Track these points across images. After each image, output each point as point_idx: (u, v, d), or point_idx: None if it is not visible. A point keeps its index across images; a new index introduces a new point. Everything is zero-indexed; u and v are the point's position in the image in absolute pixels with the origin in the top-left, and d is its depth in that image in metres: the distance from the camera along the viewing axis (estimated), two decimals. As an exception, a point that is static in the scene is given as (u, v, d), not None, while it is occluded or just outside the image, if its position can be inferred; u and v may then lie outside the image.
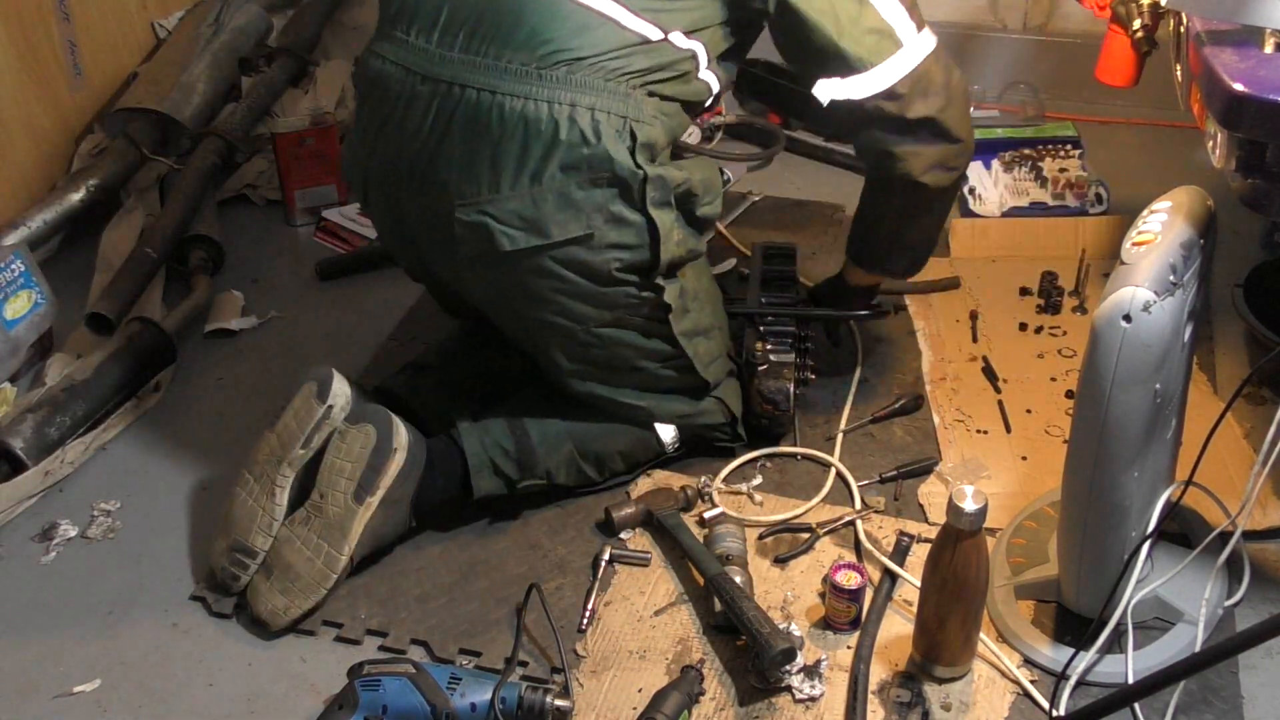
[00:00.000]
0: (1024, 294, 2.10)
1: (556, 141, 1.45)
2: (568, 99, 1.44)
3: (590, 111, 1.45)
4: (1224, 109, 1.34)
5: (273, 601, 1.56)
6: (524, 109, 1.44)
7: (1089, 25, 2.47)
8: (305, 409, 1.62)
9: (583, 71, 1.45)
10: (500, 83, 1.45)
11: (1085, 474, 1.35)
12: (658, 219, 1.49)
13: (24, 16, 2.34)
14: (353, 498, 1.57)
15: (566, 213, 1.47)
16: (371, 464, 1.58)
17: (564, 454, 1.68)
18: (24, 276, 2.01)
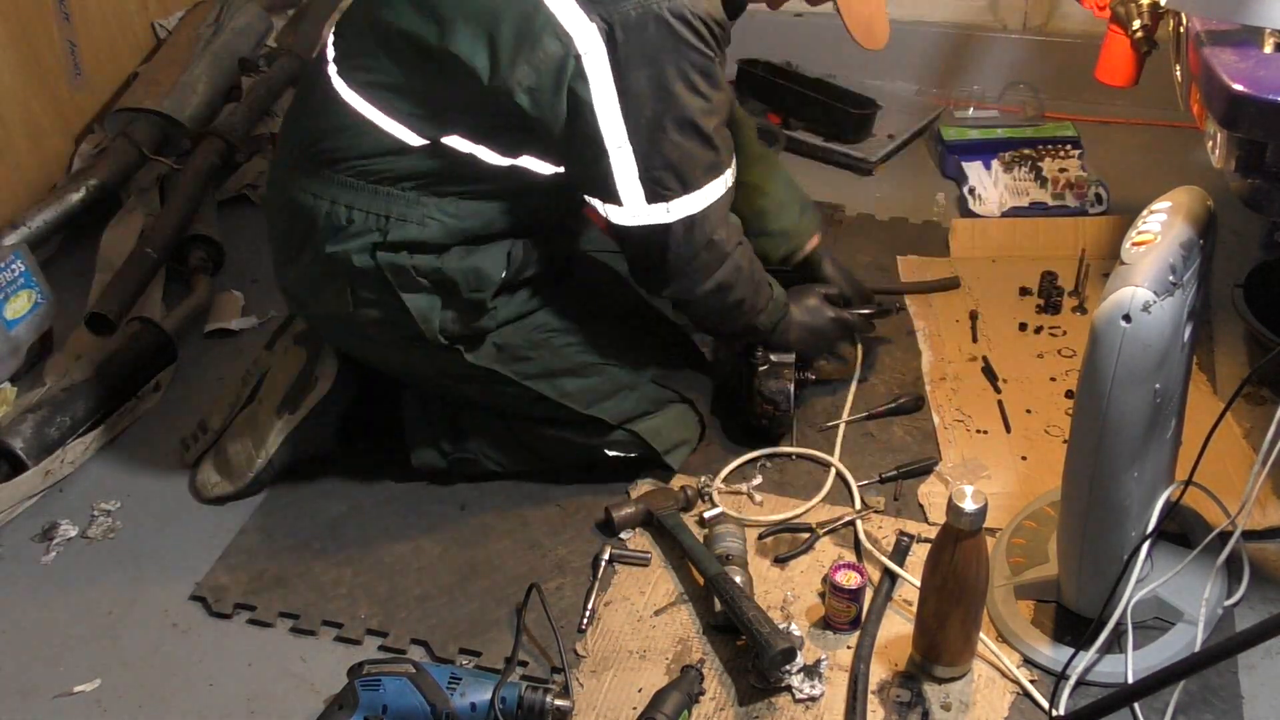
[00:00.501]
0: (1024, 294, 2.10)
1: (313, 233, 1.56)
2: (329, 195, 1.54)
3: (347, 209, 1.53)
4: (1224, 109, 1.34)
5: (208, 475, 1.77)
6: (302, 200, 1.56)
7: (1089, 25, 2.47)
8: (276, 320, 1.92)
9: (342, 172, 1.53)
10: (293, 176, 1.58)
11: (1085, 474, 1.35)
12: (408, 303, 1.54)
13: (24, 16, 2.34)
14: (275, 411, 1.74)
15: (322, 293, 1.60)
16: (295, 386, 1.74)
17: (498, 437, 1.73)
18: (24, 276, 2.01)
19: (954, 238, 2.23)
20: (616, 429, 1.70)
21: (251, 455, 1.74)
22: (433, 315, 1.55)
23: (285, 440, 1.74)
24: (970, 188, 2.34)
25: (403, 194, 1.52)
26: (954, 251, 2.22)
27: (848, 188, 2.46)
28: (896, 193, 2.44)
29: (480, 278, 1.56)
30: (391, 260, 1.52)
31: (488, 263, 1.57)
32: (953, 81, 2.72)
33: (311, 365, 1.75)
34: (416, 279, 1.53)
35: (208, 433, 1.84)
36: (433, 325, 1.55)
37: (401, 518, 1.73)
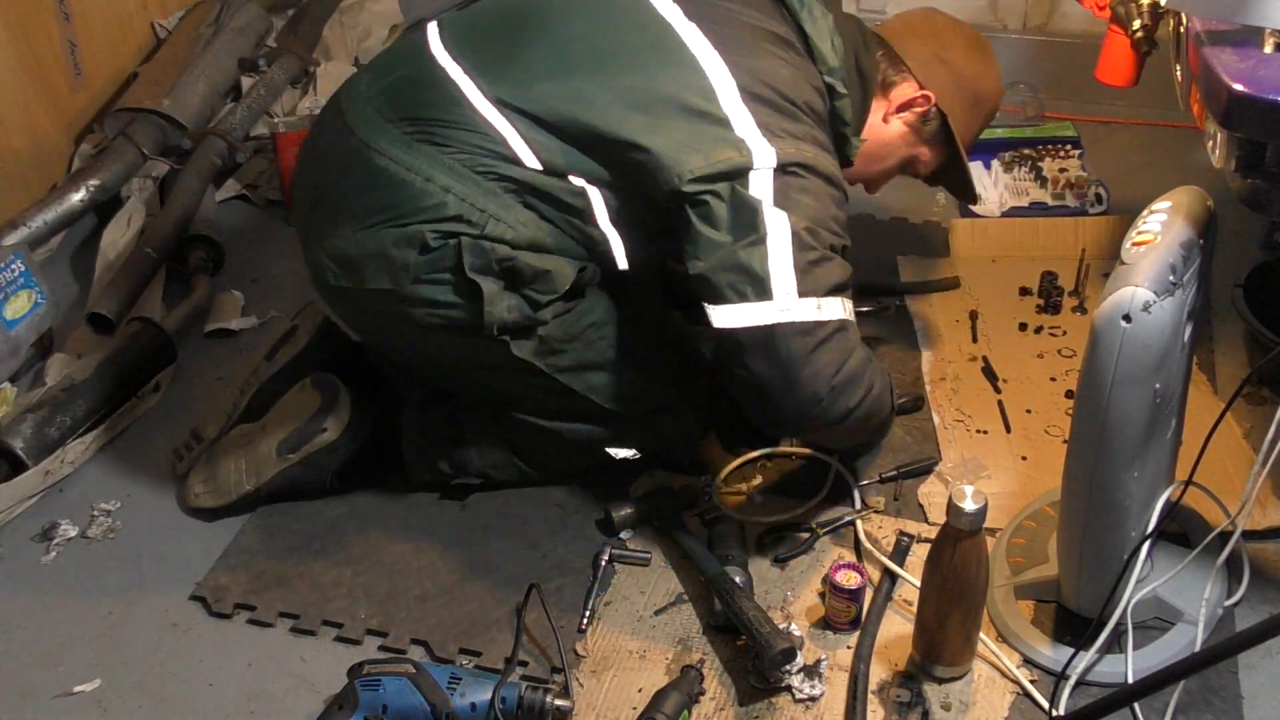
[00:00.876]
0: (1024, 294, 2.10)
1: (397, 203, 1.51)
2: (426, 172, 1.51)
3: (445, 191, 1.50)
4: (1224, 109, 1.34)
5: (196, 485, 1.76)
6: (386, 167, 1.52)
7: (1089, 25, 2.47)
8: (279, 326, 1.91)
9: (449, 155, 1.51)
10: (378, 140, 1.54)
11: (1085, 474, 1.35)
12: (480, 283, 1.51)
13: (24, 17, 2.34)
14: (277, 449, 1.72)
15: (378, 264, 1.53)
16: (302, 430, 1.72)
17: (500, 458, 1.72)
18: (24, 276, 2.02)
19: (954, 238, 2.23)
20: (630, 424, 1.69)
21: (242, 480, 1.72)
22: (497, 300, 1.52)
23: (279, 475, 1.72)
24: (970, 188, 2.34)
25: (501, 194, 1.51)
26: (954, 251, 2.22)
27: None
28: (896, 193, 2.43)
29: (549, 280, 1.54)
30: (475, 242, 1.50)
31: (559, 270, 1.55)
32: (953, 81, 2.72)
33: (324, 413, 1.72)
34: (492, 264, 1.51)
35: (202, 442, 1.82)
36: (493, 311, 1.52)
37: (401, 518, 1.73)
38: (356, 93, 1.61)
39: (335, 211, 1.56)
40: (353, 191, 1.55)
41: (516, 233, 1.52)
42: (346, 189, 1.55)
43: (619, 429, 1.70)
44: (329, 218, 1.57)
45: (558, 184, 1.53)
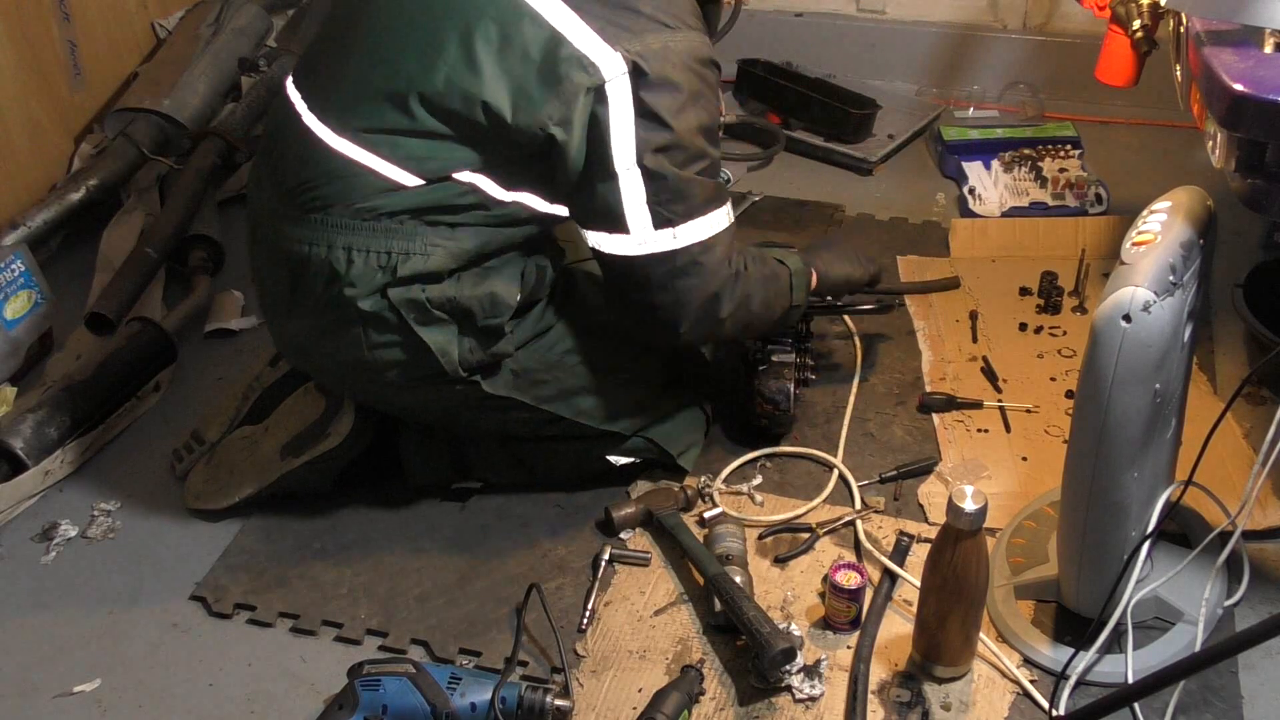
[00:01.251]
0: (1024, 294, 2.10)
1: (314, 282, 1.51)
2: (324, 240, 1.49)
3: (346, 252, 1.48)
4: (1224, 109, 1.34)
5: (197, 485, 1.76)
6: (293, 249, 1.51)
7: (1089, 25, 2.47)
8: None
9: (335, 214, 1.49)
10: (280, 225, 1.53)
11: (1085, 474, 1.35)
12: (426, 338, 1.50)
13: (24, 17, 2.34)
14: (279, 452, 1.72)
15: (334, 343, 1.54)
16: (306, 433, 1.72)
17: (501, 462, 1.72)
18: (24, 276, 2.02)
19: (954, 238, 2.23)
20: (631, 438, 1.69)
21: (244, 482, 1.72)
22: (451, 347, 1.51)
23: (281, 478, 1.71)
24: (970, 188, 2.34)
25: (400, 227, 1.47)
26: (954, 251, 2.22)
27: (848, 188, 2.46)
28: (896, 193, 2.44)
29: (496, 303, 1.52)
30: (405, 296, 1.48)
31: (501, 287, 1.53)
32: (953, 81, 2.72)
33: (327, 418, 1.71)
34: (432, 311, 1.49)
35: (203, 444, 1.83)
36: (452, 357, 1.51)
37: (401, 518, 1.73)
38: (258, 179, 1.61)
39: (280, 301, 1.57)
40: (282, 281, 1.55)
41: (430, 258, 1.48)
42: (280, 278, 1.55)
43: (619, 444, 1.70)
44: (278, 308, 1.59)
45: (445, 190, 1.48)
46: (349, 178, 1.47)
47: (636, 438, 1.70)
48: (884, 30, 2.76)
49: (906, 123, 2.61)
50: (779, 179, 2.49)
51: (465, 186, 1.48)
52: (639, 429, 1.70)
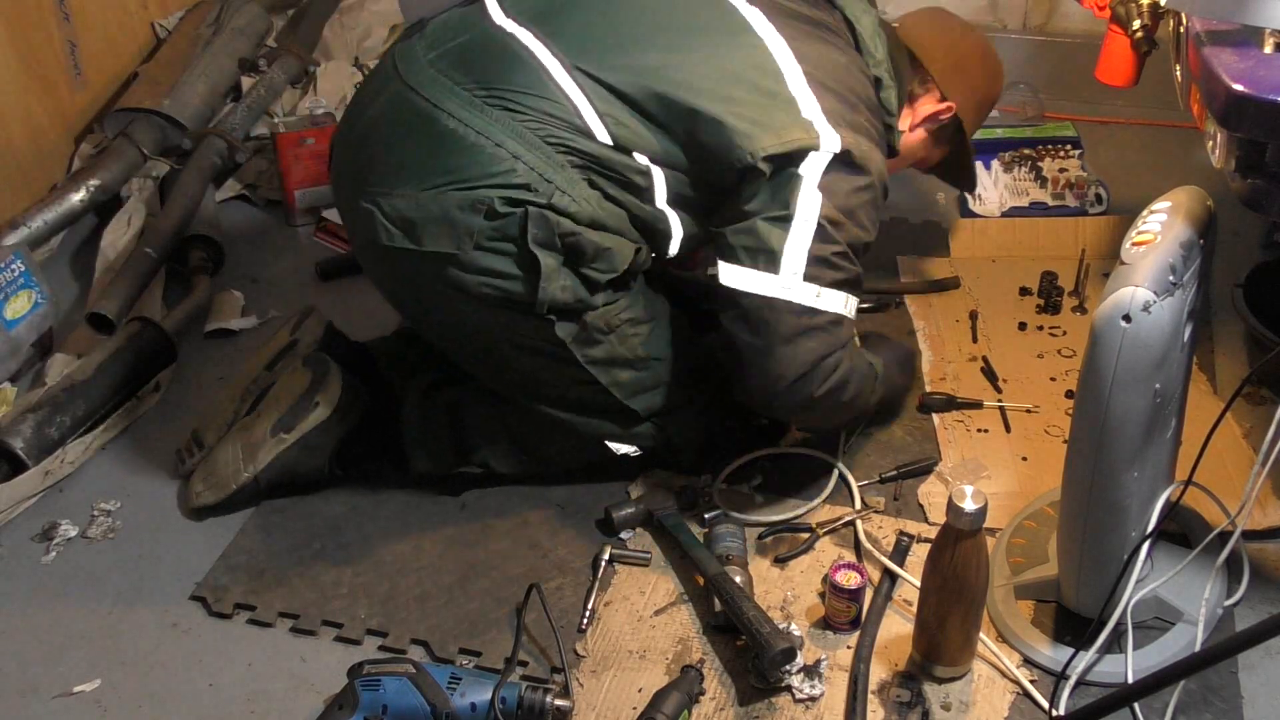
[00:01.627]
0: (1024, 294, 2.10)
1: (465, 165, 1.49)
2: (497, 137, 1.49)
3: (514, 158, 1.49)
4: (1224, 109, 1.34)
5: (196, 485, 1.75)
6: (454, 129, 1.50)
7: (1089, 25, 2.47)
8: (280, 337, 1.89)
9: (521, 122, 1.50)
10: (446, 101, 1.52)
11: (1085, 474, 1.35)
12: (540, 257, 1.50)
13: (24, 16, 2.34)
14: (270, 430, 1.72)
15: (441, 227, 1.50)
16: (296, 407, 1.72)
17: (501, 447, 1.72)
18: (24, 276, 2.02)
19: (954, 238, 2.23)
20: (641, 423, 1.70)
21: (240, 469, 1.72)
22: (554, 276, 1.52)
23: (276, 459, 1.71)
24: (970, 188, 2.34)
25: (567, 168, 1.50)
26: (954, 251, 2.22)
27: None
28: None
29: (609, 258, 1.55)
30: (541, 213, 1.49)
31: (618, 249, 1.56)
32: (953, 81, 2.72)
33: (314, 389, 1.73)
34: (555, 238, 1.50)
35: (203, 448, 1.81)
36: (550, 287, 1.51)
37: (401, 518, 1.73)
38: (412, 56, 1.58)
39: (395, 171, 1.53)
40: (417, 152, 1.52)
41: (579, 208, 1.51)
42: (409, 149, 1.53)
43: (629, 426, 1.70)
44: (387, 177, 1.53)
45: (624, 161, 1.53)
46: (552, 101, 1.51)
47: (648, 423, 1.70)
48: (884, 30, 2.75)
49: (906, 123, 2.60)
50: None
51: (641, 167, 1.54)
52: (655, 414, 1.70)
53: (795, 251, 1.51)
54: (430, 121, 1.51)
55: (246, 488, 1.72)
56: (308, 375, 1.75)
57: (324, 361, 1.75)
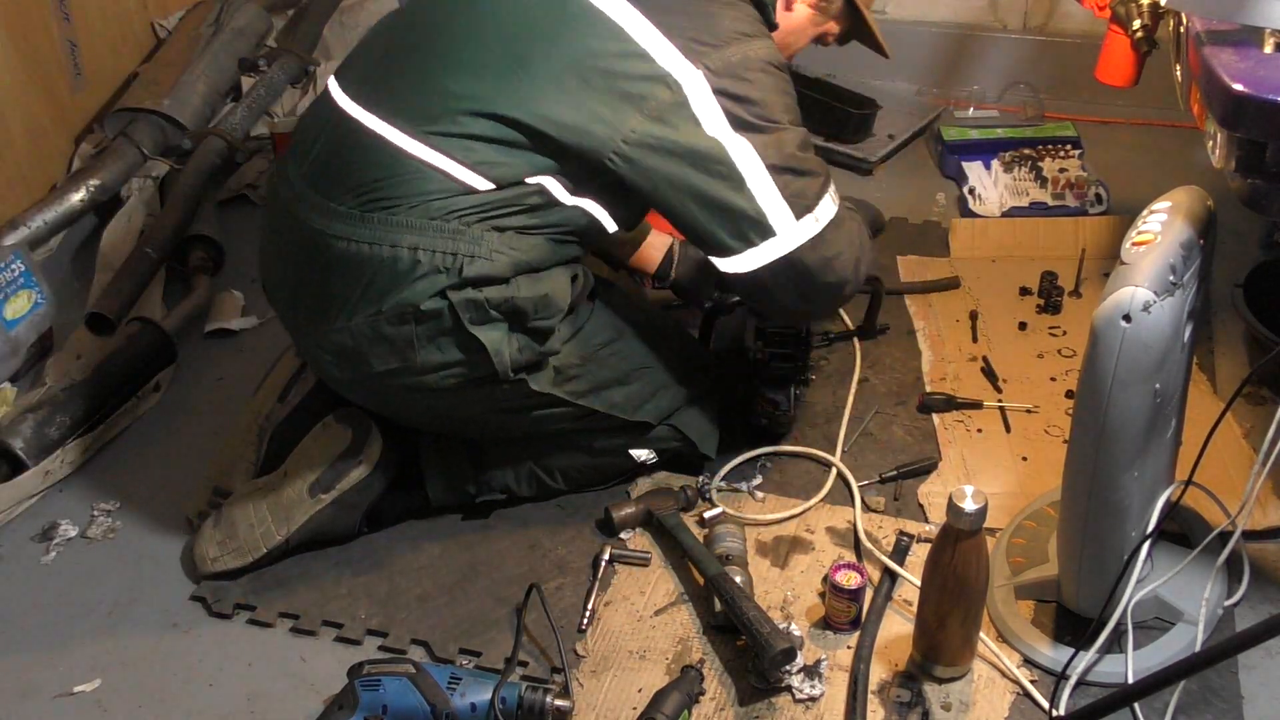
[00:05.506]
0: (1024, 294, 2.10)
1: (374, 281, 1.48)
2: (389, 239, 1.47)
3: (413, 251, 1.47)
4: (1224, 109, 1.34)
5: (209, 549, 1.64)
6: (347, 249, 1.49)
7: (1089, 25, 2.47)
8: (285, 362, 1.83)
9: (403, 213, 1.47)
10: (331, 223, 1.50)
11: (1085, 474, 1.35)
12: (482, 337, 1.50)
13: (24, 16, 2.34)
14: (308, 490, 1.64)
15: (381, 347, 1.51)
16: (335, 467, 1.65)
17: (523, 470, 1.70)
18: (24, 276, 2.01)
19: (954, 238, 2.23)
20: (657, 427, 1.69)
21: (270, 531, 1.63)
22: (503, 346, 1.51)
23: (311, 519, 1.64)
24: (970, 188, 2.34)
25: (467, 229, 1.47)
26: (954, 251, 2.22)
27: (848, 188, 2.45)
28: (896, 193, 2.44)
29: (549, 304, 1.53)
30: (464, 297, 1.47)
31: (555, 289, 1.53)
32: (953, 81, 2.72)
33: (356, 448, 1.65)
34: (489, 311, 1.49)
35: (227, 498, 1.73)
36: (504, 357, 1.51)
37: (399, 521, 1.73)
38: (288, 181, 1.57)
39: (318, 307, 1.54)
40: (327, 284, 1.52)
41: (495, 263, 1.48)
42: (320, 283, 1.52)
43: (644, 436, 1.70)
44: (314, 315, 1.55)
45: (514, 193, 1.49)
46: (420, 177, 1.47)
47: (662, 426, 1.70)
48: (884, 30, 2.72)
49: (906, 123, 2.61)
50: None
51: (533, 188, 1.50)
52: (664, 417, 1.70)
53: (772, 203, 1.51)
54: (325, 249, 1.50)
55: (275, 551, 1.64)
56: (348, 433, 1.66)
57: (362, 419, 1.67)
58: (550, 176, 1.50)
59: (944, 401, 1.86)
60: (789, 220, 1.52)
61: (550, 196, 1.51)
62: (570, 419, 1.64)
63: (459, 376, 1.53)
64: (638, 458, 1.71)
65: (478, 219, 1.48)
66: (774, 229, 1.52)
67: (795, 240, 1.53)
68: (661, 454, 1.73)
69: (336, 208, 1.50)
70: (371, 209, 1.48)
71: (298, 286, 1.57)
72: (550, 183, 1.50)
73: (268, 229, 1.65)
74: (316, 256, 1.52)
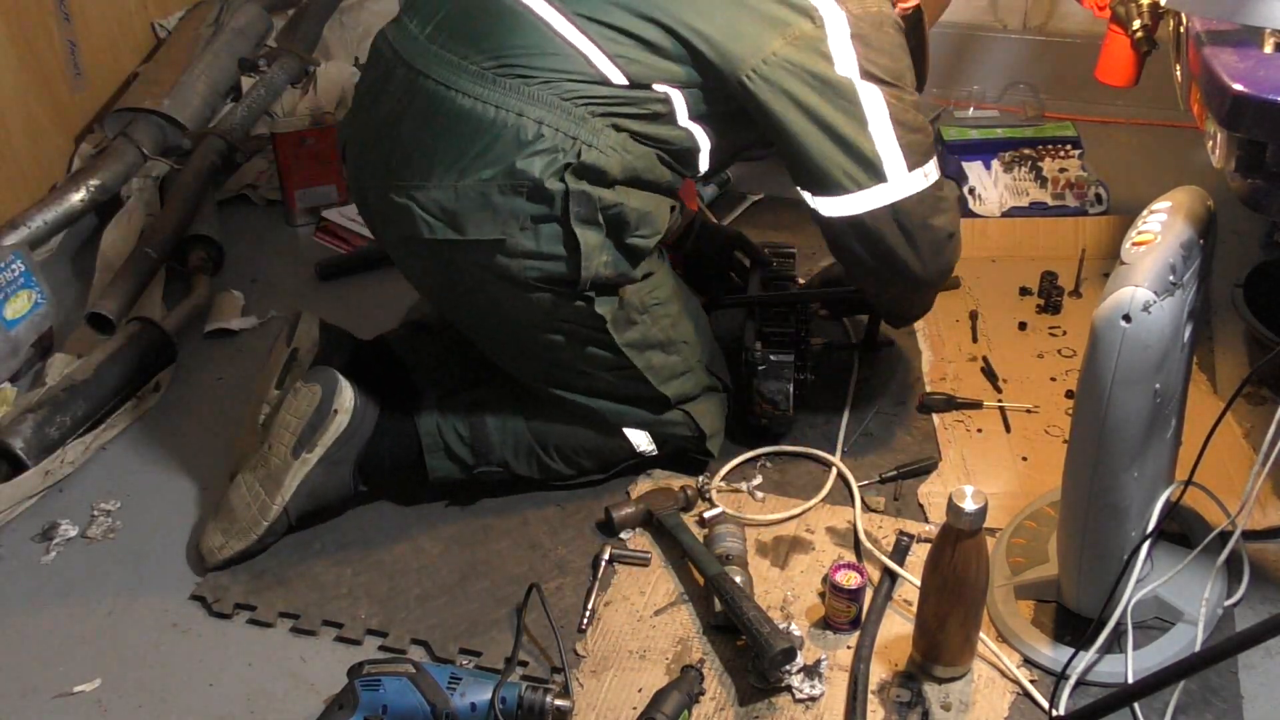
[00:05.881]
0: (1024, 294, 2.10)
1: (493, 144, 1.48)
2: (516, 107, 1.47)
3: (538, 124, 1.47)
4: (1224, 109, 1.34)
5: (213, 539, 1.65)
6: (473, 108, 1.48)
7: (1089, 25, 2.47)
8: (278, 352, 1.79)
9: (536, 86, 1.48)
10: (458, 79, 1.49)
11: (1085, 474, 1.35)
12: (580, 235, 1.50)
13: (24, 16, 2.34)
14: (291, 452, 1.64)
15: (483, 213, 1.49)
16: (312, 422, 1.64)
17: (522, 446, 1.70)
18: (24, 276, 2.02)
19: (954, 238, 2.23)
20: (672, 410, 1.70)
21: (266, 503, 1.63)
22: (596, 254, 1.51)
23: (303, 482, 1.63)
24: (970, 188, 2.34)
25: (591, 119, 1.48)
26: (954, 251, 2.22)
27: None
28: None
29: (650, 221, 1.55)
30: (582, 189, 1.48)
31: (657, 210, 1.56)
32: (953, 81, 2.73)
33: (328, 401, 1.64)
34: (597, 212, 1.50)
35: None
36: (593, 264, 1.51)
37: (401, 518, 1.73)
38: (410, 36, 1.55)
39: (426, 163, 1.50)
40: (440, 138, 1.50)
41: (609, 160, 1.49)
42: (434, 138, 1.50)
43: (660, 413, 1.70)
44: (418, 170, 1.51)
45: (643, 95, 1.51)
46: (563, 56, 1.49)
47: (676, 410, 1.70)
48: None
49: (906, 123, 2.60)
50: (779, 178, 2.49)
51: (660, 95, 1.52)
52: (683, 400, 1.70)
53: (889, 149, 1.53)
54: (448, 104, 1.49)
55: (277, 524, 1.64)
56: (315, 389, 1.65)
57: (327, 372, 1.67)
58: (679, 90, 1.53)
59: (944, 401, 1.86)
60: (902, 169, 1.54)
61: (672, 109, 1.54)
62: (606, 366, 1.64)
63: (541, 271, 1.52)
64: (635, 443, 1.71)
65: (603, 112, 1.50)
66: (886, 174, 1.54)
67: (905, 190, 1.55)
68: (663, 446, 1.73)
69: (468, 65, 1.49)
70: (505, 74, 1.48)
71: (398, 142, 1.54)
72: (676, 96, 1.53)
73: (368, 83, 1.62)
74: (436, 111, 1.50)
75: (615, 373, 1.64)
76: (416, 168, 1.51)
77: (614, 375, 1.65)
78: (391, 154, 1.54)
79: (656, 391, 1.67)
